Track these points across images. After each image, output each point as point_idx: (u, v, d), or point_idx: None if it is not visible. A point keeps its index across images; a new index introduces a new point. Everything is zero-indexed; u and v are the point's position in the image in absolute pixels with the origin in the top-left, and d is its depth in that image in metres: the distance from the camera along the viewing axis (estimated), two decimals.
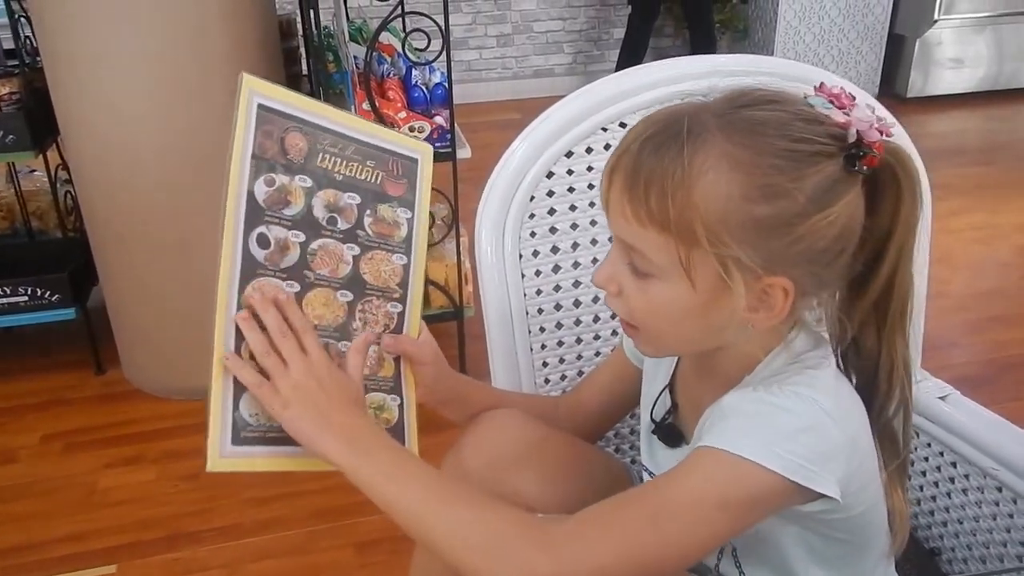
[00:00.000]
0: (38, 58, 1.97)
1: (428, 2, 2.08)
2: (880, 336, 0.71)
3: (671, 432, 0.82)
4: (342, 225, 0.77)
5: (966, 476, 0.93)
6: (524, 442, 0.86)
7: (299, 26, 2.77)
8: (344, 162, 0.76)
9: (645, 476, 0.87)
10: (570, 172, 0.97)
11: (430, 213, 1.99)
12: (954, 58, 4.42)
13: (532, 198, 0.96)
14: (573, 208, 0.98)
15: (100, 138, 1.91)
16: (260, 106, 0.71)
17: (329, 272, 0.76)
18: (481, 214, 0.95)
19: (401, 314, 0.81)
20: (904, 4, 4.41)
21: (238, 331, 0.71)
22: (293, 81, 2.46)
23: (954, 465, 0.95)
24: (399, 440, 0.81)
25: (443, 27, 1.83)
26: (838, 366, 0.72)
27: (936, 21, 4.30)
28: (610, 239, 0.97)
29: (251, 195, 0.71)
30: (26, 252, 2.38)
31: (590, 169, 0.97)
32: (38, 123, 2.05)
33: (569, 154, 0.96)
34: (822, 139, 0.63)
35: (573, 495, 0.80)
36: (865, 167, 0.63)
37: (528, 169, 0.95)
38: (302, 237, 0.74)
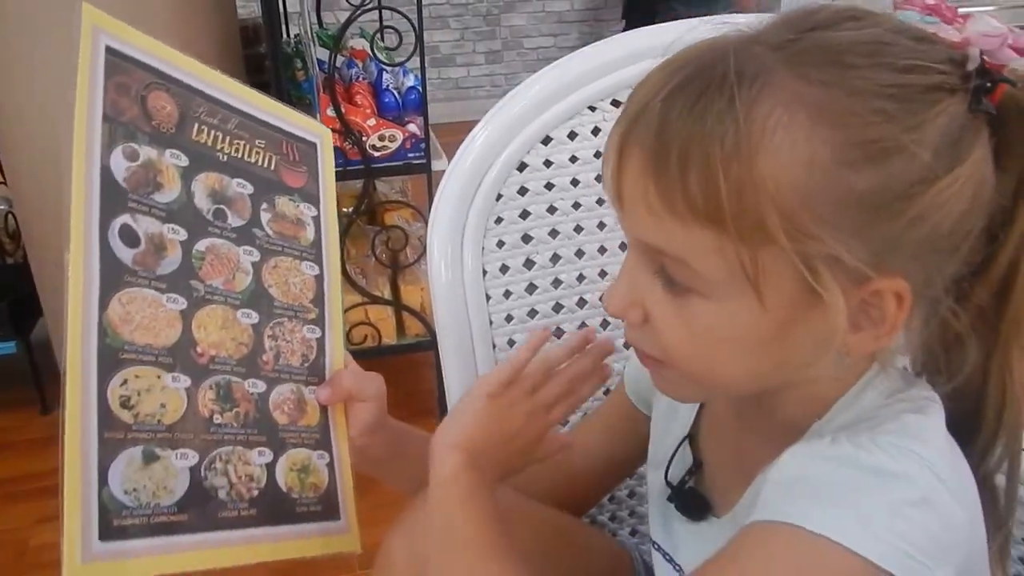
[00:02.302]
0: None
1: (406, 8, 1.93)
2: (990, 352, 0.51)
3: (693, 500, 0.62)
4: (234, 221, 0.60)
5: None
6: None
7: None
8: (227, 138, 0.60)
9: (656, 556, 0.67)
10: (548, 164, 0.78)
11: (402, 231, 1.84)
12: None
13: (499, 197, 0.77)
14: (552, 210, 0.78)
15: (39, 154, 1.77)
16: (110, 50, 0.54)
17: (224, 283, 0.58)
18: (433, 219, 0.75)
19: (320, 340, 0.64)
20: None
21: (102, 365, 0.51)
22: (260, 90, 2.29)
23: None
24: (332, 511, 0.62)
25: (416, 23, 1.66)
26: None
27: None
28: (601, 249, 0.80)
29: (106, 171, 0.53)
30: None
31: (574, 159, 0.78)
32: None
33: (547, 140, 0.77)
34: (940, 65, 0.44)
35: None
36: (993, 105, 0.45)
37: (493, 160, 0.76)
38: (183, 234, 0.57)
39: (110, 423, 0.51)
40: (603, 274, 0.80)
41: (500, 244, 0.78)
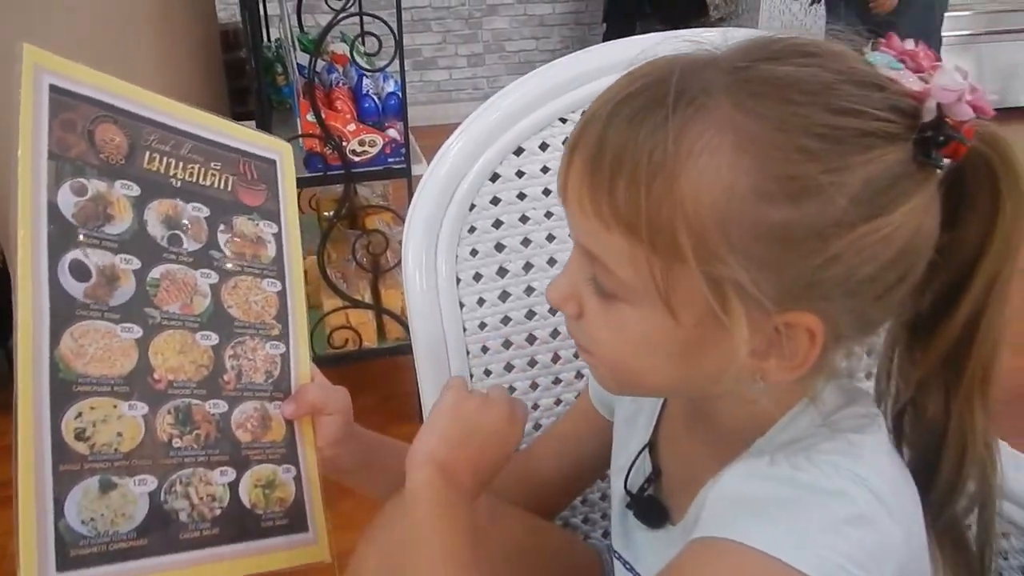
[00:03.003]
0: None
1: (387, 12, 1.92)
2: (949, 402, 0.52)
3: (651, 507, 0.63)
4: (189, 245, 0.60)
5: None
6: None
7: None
8: (180, 164, 0.60)
9: (617, 566, 0.68)
10: (520, 174, 0.78)
11: (383, 235, 1.84)
12: None
13: (472, 207, 0.77)
14: (525, 219, 0.79)
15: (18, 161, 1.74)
16: (53, 88, 0.54)
17: (181, 308, 0.59)
18: (408, 228, 0.76)
19: (284, 356, 0.64)
20: None
21: (55, 400, 0.52)
22: (240, 95, 2.29)
23: (1005, 536, 0.75)
24: (300, 523, 0.62)
25: (395, 29, 1.66)
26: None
27: None
28: None
29: (54, 207, 0.53)
30: None
31: (545, 170, 0.78)
32: None
33: (519, 151, 0.78)
34: (881, 112, 0.44)
35: None
36: (946, 159, 0.45)
37: (467, 170, 0.76)
38: (136, 263, 0.57)
39: (65, 456, 0.52)
40: None
41: (473, 253, 0.78)
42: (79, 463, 0.52)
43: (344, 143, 1.69)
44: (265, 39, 2.56)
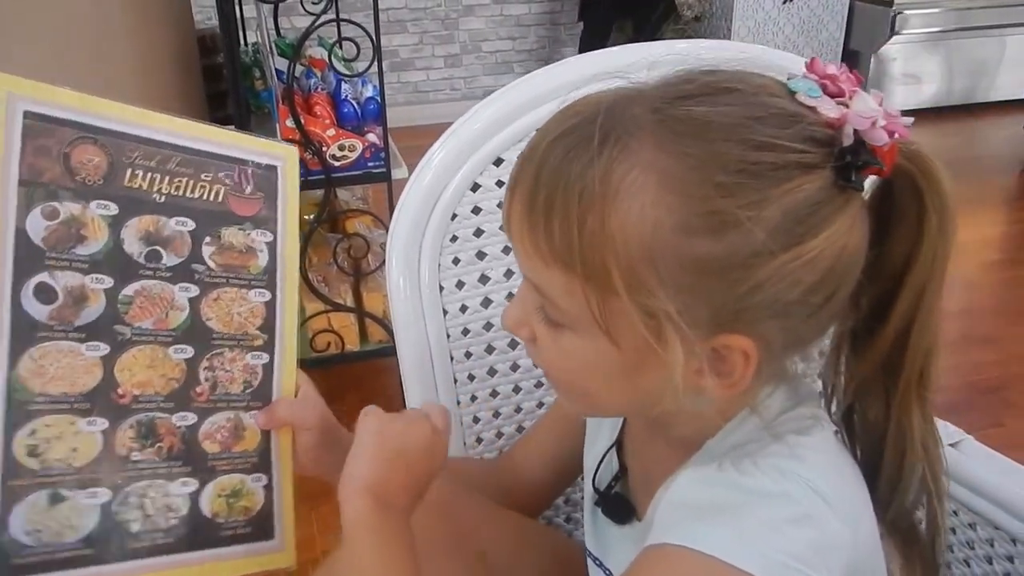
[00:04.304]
0: None
1: (363, 13, 1.93)
2: (889, 406, 0.54)
3: (618, 504, 0.65)
4: (169, 260, 0.60)
5: (990, 541, 0.77)
6: (446, 524, 0.68)
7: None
8: (167, 178, 0.60)
9: (590, 564, 0.70)
10: (500, 184, 0.80)
11: (364, 239, 1.85)
12: (908, 74, 4.40)
13: (454, 216, 0.79)
14: None
15: None
16: (28, 114, 0.54)
17: (155, 324, 0.59)
18: (392, 237, 0.78)
19: (267, 366, 0.64)
20: (859, 19, 4.39)
21: (8, 420, 0.53)
22: (218, 99, 2.29)
23: (972, 527, 0.78)
24: (265, 531, 0.63)
25: (373, 35, 1.67)
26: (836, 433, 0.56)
27: (891, 36, 4.28)
28: None
29: (21, 233, 0.54)
30: None
31: None
32: None
33: (499, 161, 0.80)
34: (798, 144, 0.46)
35: None
36: (869, 177, 0.47)
37: (449, 180, 0.78)
38: (108, 282, 0.57)
39: (15, 472, 0.53)
40: None
41: (456, 261, 0.80)
42: (28, 478, 0.54)
43: (324, 148, 1.70)
44: (242, 42, 2.56)
